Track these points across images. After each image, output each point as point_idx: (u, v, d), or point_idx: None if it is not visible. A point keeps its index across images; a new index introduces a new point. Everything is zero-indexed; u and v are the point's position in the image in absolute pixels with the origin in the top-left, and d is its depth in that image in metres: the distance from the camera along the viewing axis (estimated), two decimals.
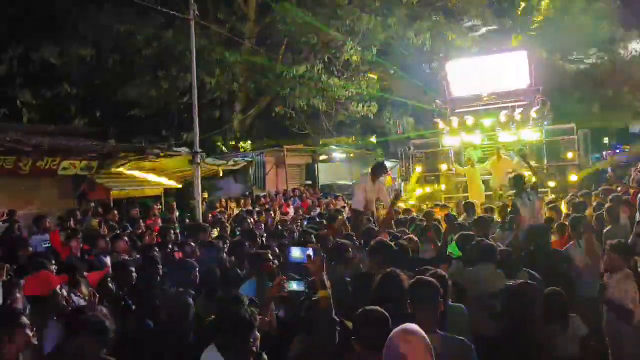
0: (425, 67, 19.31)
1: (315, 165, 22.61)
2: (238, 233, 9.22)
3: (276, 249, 6.25)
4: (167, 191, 15.71)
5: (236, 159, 17.78)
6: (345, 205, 15.02)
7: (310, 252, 3.61)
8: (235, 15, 19.28)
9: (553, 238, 7.23)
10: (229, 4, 19.19)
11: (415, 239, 6.42)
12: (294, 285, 3.93)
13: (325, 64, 18.58)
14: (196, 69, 13.26)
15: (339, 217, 8.38)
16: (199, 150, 13.20)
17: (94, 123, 17.55)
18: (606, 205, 8.29)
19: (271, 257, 5.08)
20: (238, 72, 18.52)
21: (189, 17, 13.04)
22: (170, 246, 7.42)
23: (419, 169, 17.47)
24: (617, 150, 34.80)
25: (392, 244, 5.15)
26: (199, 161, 13.20)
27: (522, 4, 22.36)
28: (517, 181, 9.28)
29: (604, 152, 34.42)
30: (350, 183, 22.01)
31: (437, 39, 19.20)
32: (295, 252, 3.86)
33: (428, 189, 16.73)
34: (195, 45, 13.22)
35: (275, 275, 4.54)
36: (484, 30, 20.34)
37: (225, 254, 6.67)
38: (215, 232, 8.92)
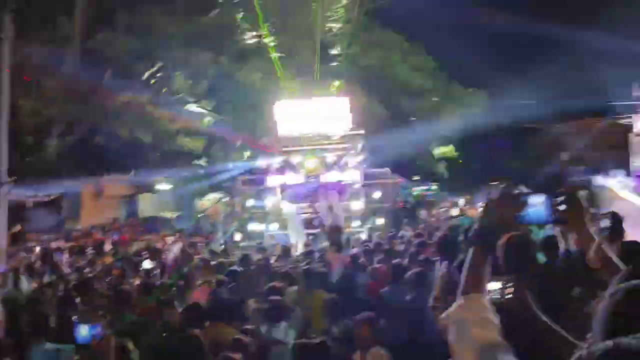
0: (257, 105, 19.70)
1: (138, 197, 21.74)
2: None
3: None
4: None
5: (49, 189, 16.50)
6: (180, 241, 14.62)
7: (98, 329, 2.97)
8: (59, 36, 18.09)
9: None
10: (53, 24, 17.97)
11: None
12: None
13: (152, 94, 18.12)
14: (10, 91, 12.14)
15: None
16: (6, 180, 12.00)
17: None
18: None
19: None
20: (57, 96, 17.31)
21: (3, 35, 11.98)
22: None
23: (249, 203, 18.03)
24: (425, 187, 38.64)
25: None
26: (4, 193, 12.00)
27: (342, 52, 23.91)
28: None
29: (413, 189, 37.86)
30: (176, 215, 21.51)
31: (267, 79, 19.76)
32: (82, 330, 2.97)
33: None
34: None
35: None
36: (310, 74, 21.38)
37: None
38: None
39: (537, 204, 1.91)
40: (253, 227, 16.92)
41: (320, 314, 6.04)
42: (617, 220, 4.63)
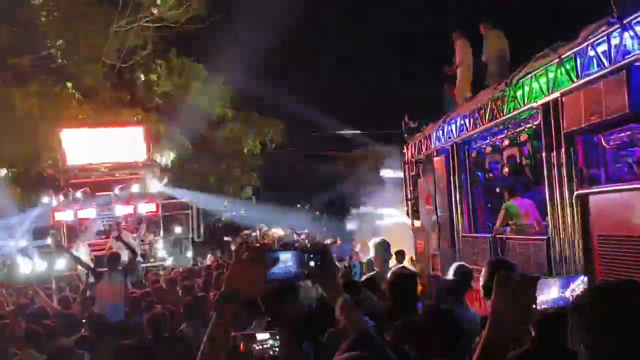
0: (38, 133, 17.87)
1: None
2: None
3: None
4: None
5: None
6: None
7: None
8: None
9: None
10: None
11: None
12: None
13: None
14: None
15: None
16: None
17: None
18: None
19: None
20: None
21: None
22: None
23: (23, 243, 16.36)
24: (234, 213, 39.68)
25: None
26: None
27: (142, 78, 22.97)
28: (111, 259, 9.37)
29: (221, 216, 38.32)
30: None
31: (51, 105, 18.02)
32: None
33: None
34: None
35: None
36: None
37: None
38: None
39: (287, 260, 1.89)
40: (35, 267, 15.15)
41: None
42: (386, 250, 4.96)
